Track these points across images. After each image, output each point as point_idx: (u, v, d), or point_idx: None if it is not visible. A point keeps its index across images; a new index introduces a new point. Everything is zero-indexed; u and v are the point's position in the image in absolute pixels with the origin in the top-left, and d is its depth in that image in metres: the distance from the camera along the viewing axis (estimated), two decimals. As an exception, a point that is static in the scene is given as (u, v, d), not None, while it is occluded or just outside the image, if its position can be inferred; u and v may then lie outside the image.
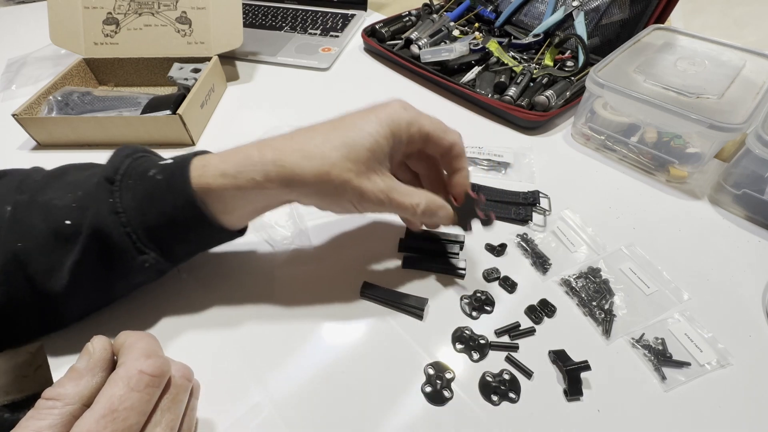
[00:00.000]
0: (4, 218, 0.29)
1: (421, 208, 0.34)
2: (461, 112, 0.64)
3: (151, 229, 0.30)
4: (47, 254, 0.29)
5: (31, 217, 0.29)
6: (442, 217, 0.36)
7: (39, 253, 0.29)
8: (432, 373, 0.34)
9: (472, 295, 0.39)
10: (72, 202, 0.30)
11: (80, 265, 0.29)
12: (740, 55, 0.56)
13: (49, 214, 0.29)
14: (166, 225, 0.30)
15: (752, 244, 0.45)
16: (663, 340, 0.36)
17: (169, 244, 0.32)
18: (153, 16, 0.63)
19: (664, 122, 0.49)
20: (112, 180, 0.30)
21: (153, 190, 0.30)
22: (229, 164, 0.30)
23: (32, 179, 0.32)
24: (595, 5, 0.70)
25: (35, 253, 0.29)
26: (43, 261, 0.29)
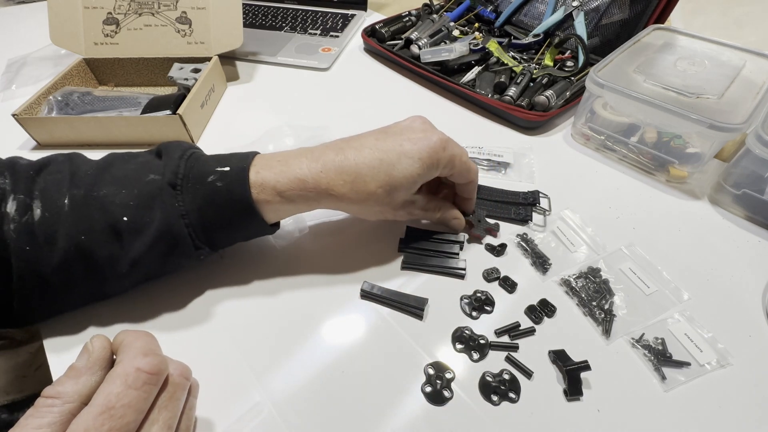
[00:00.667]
0: (63, 211, 0.31)
1: (437, 217, 0.43)
2: (461, 112, 0.64)
3: (209, 229, 0.34)
4: (106, 247, 0.32)
5: (90, 212, 0.31)
6: (455, 226, 0.44)
7: (99, 246, 0.31)
8: (432, 373, 0.34)
9: (472, 295, 0.39)
10: (129, 201, 0.32)
11: (143, 258, 0.32)
12: (740, 55, 0.56)
13: (107, 211, 0.32)
14: (225, 227, 0.35)
15: (752, 244, 0.45)
16: (663, 340, 0.36)
17: (222, 241, 0.36)
18: (153, 16, 0.63)
19: (664, 122, 0.49)
20: (175, 185, 0.33)
21: (214, 197, 0.33)
22: (284, 185, 0.34)
23: (83, 172, 0.33)
24: (595, 5, 0.70)
25: (95, 246, 0.31)
26: (104, 254, 0.32)
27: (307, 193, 0.35)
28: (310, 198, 0.35)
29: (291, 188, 0.34)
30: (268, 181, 0.34)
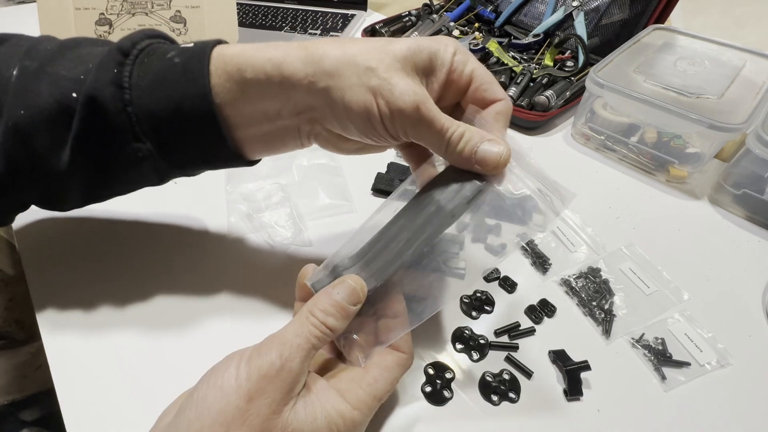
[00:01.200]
0: (10, 82, 0.27)
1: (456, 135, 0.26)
2: (461, 112, 0.63)
3: (155, 115, 0.27)
4: (52, 129, 0.27)
5: (39, 86, 0.27)
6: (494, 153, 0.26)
7: (45, 127, 0.27)
8: (432, 373, 0.34)
9: (472, 295, 0.39)
10: (81, 74, 0.27)
11: (80, 141, 0.28)
12: (740, 55, 0.56)
13: (57, 85, 0.27)
14: (172, 114, 0.27)
15: (752, 244, 0.45)
16: (663, 340, 0.36)
17: (170, 140, 0.29)
18: (147, 15, 0.62)
19: (664, 122, 0.49)
20: (127, 52, 0.27)
21: (167, 73, 0.27)
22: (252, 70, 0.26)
23: (43, 47, 0.29)
24: (595, 5, 0.70)
25: (40, 127, 0.27)
26: (48, 136, 0.28)
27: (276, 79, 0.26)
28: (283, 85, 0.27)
29: (258, 75, 0.26)
30: (233, 58, 0.27)
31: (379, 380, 0.26)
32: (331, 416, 0.24)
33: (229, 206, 0.46)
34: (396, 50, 0.26)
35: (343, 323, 0.25)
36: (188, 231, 0.44)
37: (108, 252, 0.41)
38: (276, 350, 0.23)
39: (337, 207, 0.47)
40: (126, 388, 0.32)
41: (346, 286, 0.26)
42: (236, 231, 0.43)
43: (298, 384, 0.24)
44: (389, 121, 0.26)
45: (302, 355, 0.23)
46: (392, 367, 0.27)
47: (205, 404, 0.22)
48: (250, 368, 0.23)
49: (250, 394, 0.22)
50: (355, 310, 0.26)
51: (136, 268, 0.40)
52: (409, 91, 0.25)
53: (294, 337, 0.24)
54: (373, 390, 0.26)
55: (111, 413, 0.30)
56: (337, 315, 0.25)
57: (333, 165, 0.52)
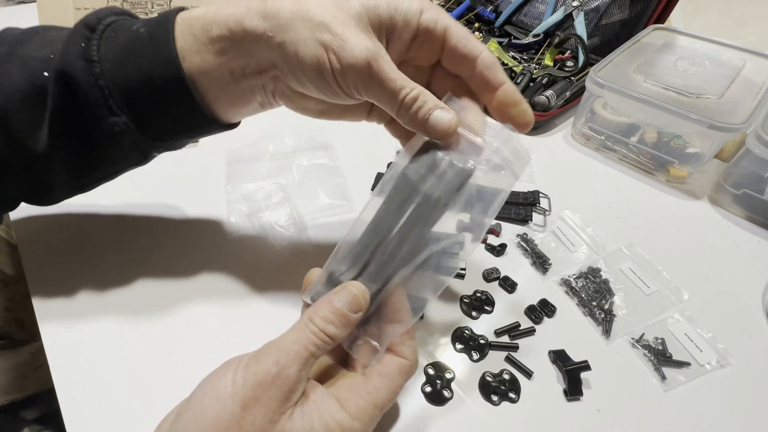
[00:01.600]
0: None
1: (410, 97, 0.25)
2: (461, 112, 0.63)
3: (126, 87, 0.27)
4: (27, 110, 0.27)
5: (9, 69, 0.27)
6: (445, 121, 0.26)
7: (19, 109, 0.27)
8: (432, 373, 0.34)
9: (472, 295, 0.39)
10: (50, 54, 0.27)
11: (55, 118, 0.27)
12: (740, 55, 0.56)
13: (27, 66, 0.27)
14: (143, 84, 0.27)
15: (752, 244, 0.45)
16: (663, 340, 0.36)
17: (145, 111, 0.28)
18: (146, 15, 0.62)
19: (664, 122, 0.49)
20: (93, 27, 0.27)
21: (134, 44, 0.27)
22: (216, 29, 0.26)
23: (9, 32, 0.29)
24: (595, 5, 0.70)
25: (15, 109, 0.27)
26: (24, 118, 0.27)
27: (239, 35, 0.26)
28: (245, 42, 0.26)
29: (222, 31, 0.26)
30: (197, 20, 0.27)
31: (381, 389, 0.26)
32: (329, 426, 0.23)
33: (229, 206, 0.46)
34: (352, 5, 0.25)
35: (344, 331, 0.25)
36: (189, 232, 0.44)
37: (108, 253, 0.41)
38: (273, 357, 0.23)
39: (337, 207, 0.47)
40: (126, 389, 0.32)
41: (347, 293, 0.25)
42: (236, 231, 0.43)
43: (296, 392, 0.23)
44: (341, 77, 0.25)
45: (300, 363, 0.23)
46: (394, 375, 0.26)
47: (201, 409, 0.22)
48: (246, 375, 0.23)
49: (245, 401, 0.22)
50: (356, 317, 0.25)
51: (136, 269, 0.40)
52: (360, 47, 0.24)
53: (292, 345, 0.24)
54: (374, 399, 0.25)
55: (111, 413, 0.30)
56: (338, 323, 0.25)
57: (333, 165, 0.52)
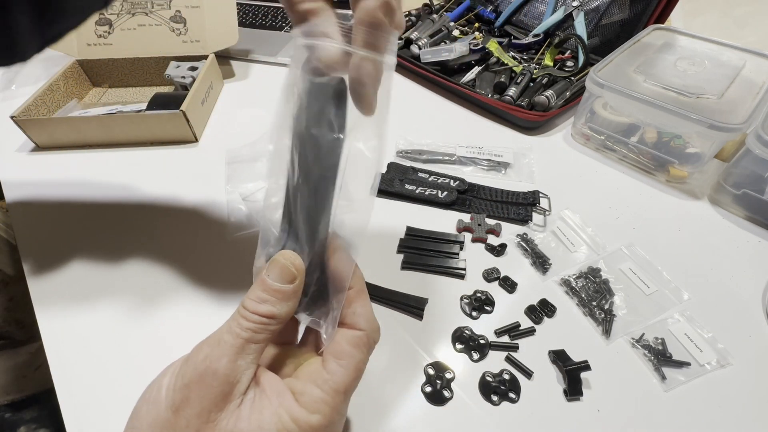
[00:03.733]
0: None
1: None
2: (461, 112, 0.63)
3: None
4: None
5: None
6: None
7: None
8: (432, 373, 0.34)
9: (472, 295, 0.39)
10: None
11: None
12: (740, 55, 0.56)
13: None
14: None
15: (752, 244, 0.45)
16: (663, 340, 0.36)
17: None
18: (147, 15, 0.63)
19: (664, 122, 0.49)
20: None
21: None
22: None
23: None
24: (595, 5, 0.70)
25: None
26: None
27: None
28: None
29: None
30: None
31: (337, 371, 0.23)
32: (282, 420, 0.21)
33: (229, 206, 0.46)
34: None
35: (284, 306, 0.23)
36: (189, 232, 0.44)
37: (108, 253, 0.41)
38: (203, 353, 0.21)
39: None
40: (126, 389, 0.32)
41: (274, 265, 0.23)
42: (236, 231, 0.43)
43: (235, 386, 0.21)
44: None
45: (231, 353, 0.21)
46: (350, 352, 0.24)
47: (139, 417, 0.21)
48: (176, 378, 0.21)
49: (176, 405, 0.20)
50: (293, 288, 0.23)
51: (136, 269, 0.40)
52: None
53: (222, 335, 0.22)
54: (331, 385, 0.23)
55: (111, 413, 0.30)
56: (273, 299, 0.22)
57: None
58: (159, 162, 0.53)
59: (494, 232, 0.44)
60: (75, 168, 0.52)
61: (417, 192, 0.48)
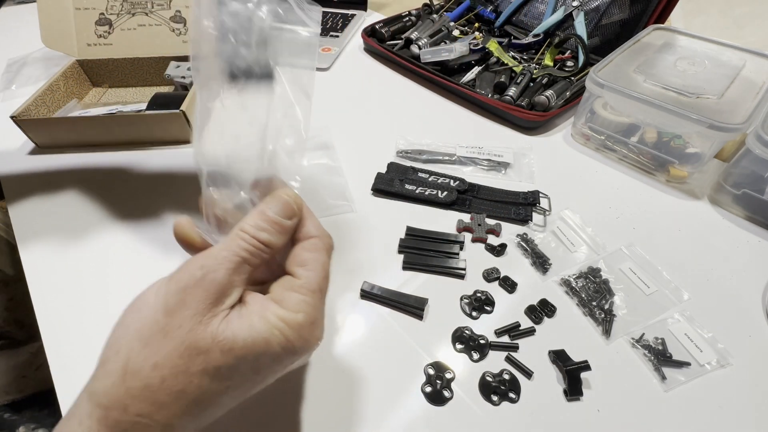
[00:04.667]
0: None
1: None
2: (461, 112, 0.63)
3: None
4: None
5: None
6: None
7: None
8: (432, 373, 0.34)
9: (472, 295, 0.39)
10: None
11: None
12: (740, 55, 0.56)
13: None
14: None
15: (752, 244, 0.45)
16: (663, 340, 0.36)
17: None
18: (147, 15, 0.63)
19: (664, 122, 0.49)
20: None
21: None
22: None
23: None
24: (595, 5, 0.70)
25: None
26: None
27: None
28: None
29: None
30: None
31: (306, 275, 0.25)
32: (270, 321, 0.22)
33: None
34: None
35: (280, 238, 0.24)
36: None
37: (108, 253, 0.41)
38: (198, 263, 0.22)
39: (337, 207, 0.47)
40: (126, 388, 0.32)
41: (277, 200, 0.25)
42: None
43: (227, 296, 0.22)
44: None
45: (228, 267, 0.22)
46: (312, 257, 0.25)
47: (124, 325, 0.22)
48: (169, 285, 0.22)
49: (169, 307, 0.21)
50: (291, 224, 0.25)
51: (136, 270, 0.40)
52: None
53: (219, 252, 0.23)
54: (306, 286, 0.24)
55: (111, 413, 0.30)
56: (272, 230, 0.24)
57: (333, 165, 0.52)
58: (159, 162, 0.53)
59: (494, 232, 0.44)
60: (75, 168, 0.52)
61: (417, 192, 0.48)
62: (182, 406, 0.20)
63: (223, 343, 0.21)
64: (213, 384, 0.21)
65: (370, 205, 0.47)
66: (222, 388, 0.21)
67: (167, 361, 0.20)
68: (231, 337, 0.21)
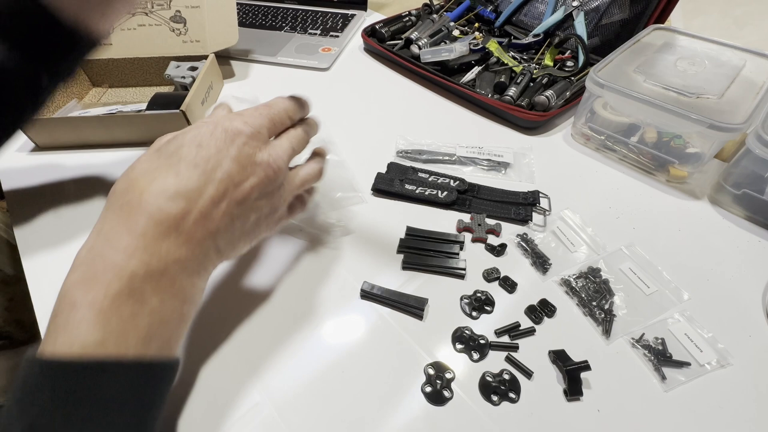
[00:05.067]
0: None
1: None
2: (461, 112, 0.64)
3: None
4: None
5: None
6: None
7: None
8: (432, 373, 0.34)
9: (472, 295, 0.39)
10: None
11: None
12: (740, 55, 0.55)
13: None
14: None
15: (752, 244, 0.45)
16: (663, 340, 0.36)
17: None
18: (146, 15, 0.63)
19: (664, 122, 0.49)
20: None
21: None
22: None
23: None
24: (595, 5, 0.70)
25: None
26: None
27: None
28: None
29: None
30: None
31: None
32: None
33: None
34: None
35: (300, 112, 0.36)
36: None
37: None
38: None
39: (348, 199, 0.48)
40: (126, 388, 0.32)
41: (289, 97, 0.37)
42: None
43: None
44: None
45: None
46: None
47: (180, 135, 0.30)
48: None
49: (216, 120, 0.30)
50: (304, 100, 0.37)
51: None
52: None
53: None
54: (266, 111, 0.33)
55: (111, 413, 0.30)
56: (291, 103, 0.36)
57: (337, 159, 0.53)
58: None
59: (494, 232, 0.44)
60: (75, 168, 0.52)
61: (417, 192, 0.48)
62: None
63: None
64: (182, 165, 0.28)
65: (370, 205, 0.48)
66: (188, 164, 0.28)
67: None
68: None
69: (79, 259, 0.26)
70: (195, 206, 0.27)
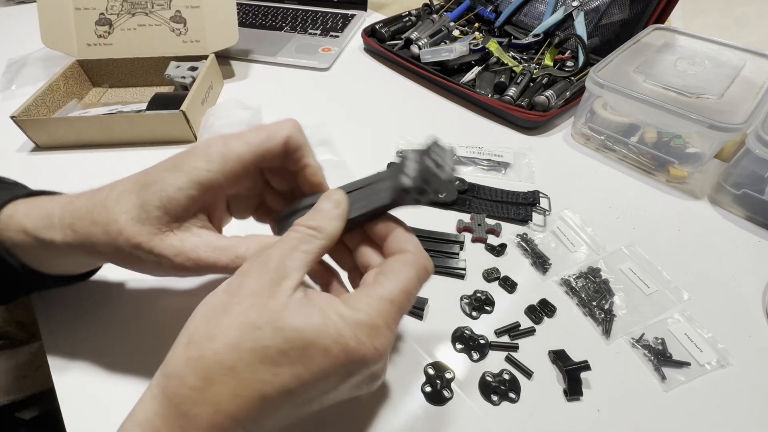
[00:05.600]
0: None
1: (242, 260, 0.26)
2: (461, 112, 0.64)
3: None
4: None
5: None
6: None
7: None
8: (432, 373, 0.34)
9: (472, 295, 0.39)
10: None
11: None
12: (740, 55, 0.55)
13: None
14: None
15: (752, 244, 0.45)
16: (663, 340, 0.36)
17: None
18: (147, 15, 0.63)
19: (664, 122, 0.49)
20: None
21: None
22: (31, 220, 0.28)
23: None
24: (595, 5, 0.70)
25: None
26: None
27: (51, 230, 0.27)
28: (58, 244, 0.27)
29: (36, 223, 0.28)
30: (18, 212, 0.28)
31: (383, 282, 0.24)
32: (327, 313, 0.21)
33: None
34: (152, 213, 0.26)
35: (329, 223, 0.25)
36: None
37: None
38: (256, 255, 0.24)
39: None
40: (126, 388, 0.32)
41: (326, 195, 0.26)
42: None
43: (285, 278, 0.22)
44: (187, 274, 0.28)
45: (280, 253, 0.23)
46: (398, 268, 0.24)
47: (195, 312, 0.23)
48: (231, 277, 0.24)
49: (231, 288, 0.22)
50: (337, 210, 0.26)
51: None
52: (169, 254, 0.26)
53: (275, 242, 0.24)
54: (378, 291, 0.23)
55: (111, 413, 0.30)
56: (318, 216, 0.25)
57: (337, 159, 0.53)
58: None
59: (494, 232, 0.44)
60: (75, 168, 0.52)
61: (417, 192, 0.48)
62: (229, 388, 0.20)
63: (276, 323, 0.21)
64: (261, 368, 0.20)
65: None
66: (269, 375, 0.20)
67: (223, 332, 0.21)
68: (285, 317, 0.21)
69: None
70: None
